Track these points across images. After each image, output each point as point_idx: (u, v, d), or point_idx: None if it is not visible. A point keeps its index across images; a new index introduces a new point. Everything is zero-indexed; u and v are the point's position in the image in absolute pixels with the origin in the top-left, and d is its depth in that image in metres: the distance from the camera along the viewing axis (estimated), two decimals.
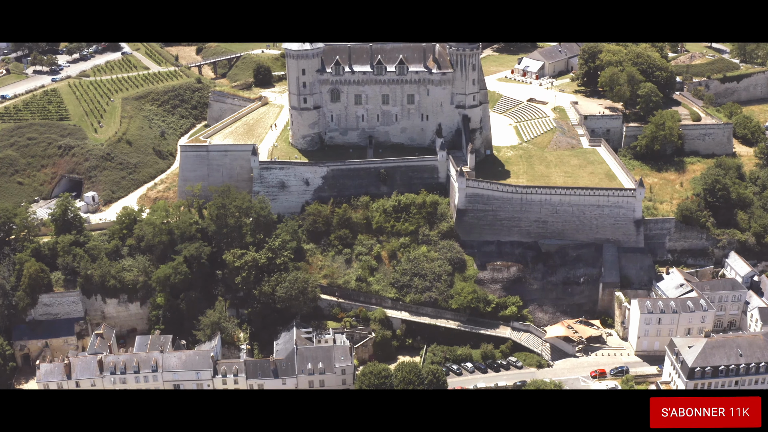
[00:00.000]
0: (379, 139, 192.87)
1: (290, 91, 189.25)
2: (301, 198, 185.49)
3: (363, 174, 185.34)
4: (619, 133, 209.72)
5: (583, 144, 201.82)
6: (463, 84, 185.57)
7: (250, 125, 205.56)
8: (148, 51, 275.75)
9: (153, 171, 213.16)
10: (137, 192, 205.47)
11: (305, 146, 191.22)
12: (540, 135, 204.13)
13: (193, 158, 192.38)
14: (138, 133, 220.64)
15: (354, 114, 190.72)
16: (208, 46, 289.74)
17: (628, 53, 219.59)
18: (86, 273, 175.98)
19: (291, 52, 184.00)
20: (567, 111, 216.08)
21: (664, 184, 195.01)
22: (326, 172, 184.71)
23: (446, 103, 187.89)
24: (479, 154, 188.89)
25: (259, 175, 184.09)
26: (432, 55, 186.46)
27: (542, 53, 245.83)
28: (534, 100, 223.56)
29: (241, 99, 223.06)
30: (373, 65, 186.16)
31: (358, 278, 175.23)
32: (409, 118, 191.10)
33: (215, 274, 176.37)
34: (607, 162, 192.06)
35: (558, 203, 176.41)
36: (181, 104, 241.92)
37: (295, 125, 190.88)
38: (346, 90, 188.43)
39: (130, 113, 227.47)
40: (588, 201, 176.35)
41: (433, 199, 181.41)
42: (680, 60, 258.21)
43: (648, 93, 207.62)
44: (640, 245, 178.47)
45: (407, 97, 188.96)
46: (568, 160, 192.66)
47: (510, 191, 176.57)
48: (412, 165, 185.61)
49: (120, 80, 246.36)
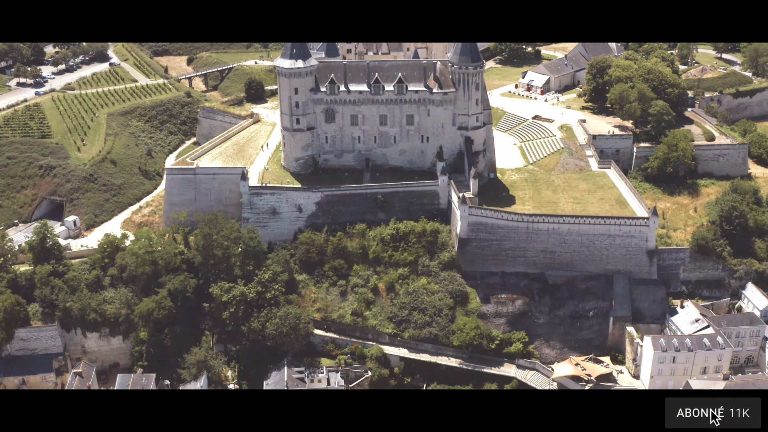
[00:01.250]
0: (376, 161, 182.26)
1: (282, 111, 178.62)
2: (294, 225, 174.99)
3: (359, 200, 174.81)
4: (629, 154, 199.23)
5: (592, 166, 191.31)
6: (466, 104, 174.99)
7: (241, 145, 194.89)
8: (136, 62, 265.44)
9: (138, 192, 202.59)
10: (121, 215, 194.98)
11: (298, 169, 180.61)
12: (546, 156, 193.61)
13: (179, 182, 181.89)
14: (123, 152, 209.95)
15: (350, 135, 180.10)
16: (199, 56, 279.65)
17: (639, 69, 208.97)
18: (65, 306, 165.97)
19: (283, 70, 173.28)
20: (574, 129, 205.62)
21: (677, 210, 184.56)
22: (320, 197, 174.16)
23: (448, 125, 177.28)
24: (482, 178, 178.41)
25: (248, 200, 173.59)
26: (433, 74, 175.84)
27: (547, 67, 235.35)
28: (539, 117, 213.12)
29: (231, 116, 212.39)
30: (370, 84, 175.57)
31: (353, 312, 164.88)
32: (409, 140, 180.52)
33: (202, 307, 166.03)
34: (617, 186, 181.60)
35: (566, 232, 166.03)
36: (169, 119, 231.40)
37: (288, 147, 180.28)
38: (342, 110, 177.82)
39: (116, 130, 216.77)
40: (598, 230, 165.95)
41: (433, 227, 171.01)
42: (691, 73, 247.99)
43: (660, 112, 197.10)
44: (653, 277, 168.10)
45: (406, 117, 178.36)
46: (576, 184, 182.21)
47: (515, 220, 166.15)
48: (411, 190, 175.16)
49: (106, 94, 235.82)
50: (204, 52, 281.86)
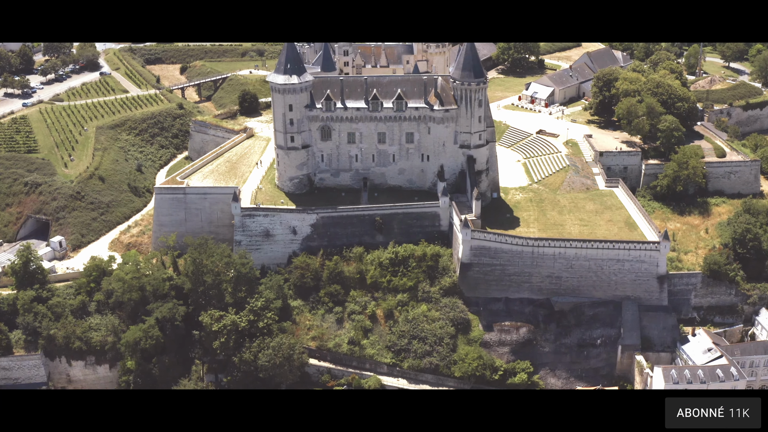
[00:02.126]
0: (374, 181, 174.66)
1: (276, 128, 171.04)
2: (288, 248, 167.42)
3: (356, 222, 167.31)
4: (637, 171, 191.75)
5: (599, 184, 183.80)
6: (468, 122, 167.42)
7: (233, 163, 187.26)
8: (128, 71, 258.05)
9: (127, 211, 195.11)
10: (109, 235, 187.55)
11: (293, 189, 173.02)
12: (552, 174, 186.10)
13: (168, 201, 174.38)
14: (112, 168, 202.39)
15: (347, 154, 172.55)
16: (192, 65, 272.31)
17: (647, 82, 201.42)
18: (49, 333, 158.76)
19: (276, 86, 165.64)
20: (580, 145, 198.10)
21: (687, 231, 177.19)
22: (315, 219, 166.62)
23: (449, 143, 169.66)
24: (485, 198, 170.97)
25: (240, 222, 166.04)
26: (433, 90, 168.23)
27: (552, 78, 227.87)
28: (544, 132, 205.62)
29: (224, 130, 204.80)
30: (368, 100, 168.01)
31: (350, 341, 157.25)
32: (408, 159, 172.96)
33: (192, 335, 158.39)
34: (626, 206, 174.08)
35: (573, 257, 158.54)
36: (160, 132, 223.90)
37: (282, 166, 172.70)
38: (338, 127, 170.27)
39: (104, 144, 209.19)
40: (607, 255, 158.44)
41: (434, 251, 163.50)
42: (699, 85, 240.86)
43: (669, 127, 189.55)
44: (664, 303, 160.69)
45: (406, 135, 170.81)
46: (583, 204, 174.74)
47: (520, 244, 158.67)
48: (410, 212, 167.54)
49: (95, 105, 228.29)
50: (197, 60, 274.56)
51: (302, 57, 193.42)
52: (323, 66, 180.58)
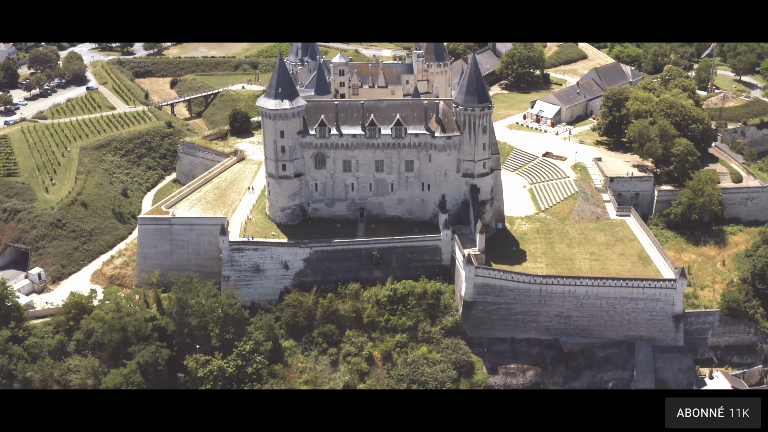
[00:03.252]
0: (371, 211, 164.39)
1: (266, 155, 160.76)
2: (279, 284, 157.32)
3: (352, 256, 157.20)
4: (649, 198, 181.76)
5: (610, 213, 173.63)
6: (472, 149, 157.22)
7: (222, 189, 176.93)
8: (115, 86, 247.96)
9: (111, 239, 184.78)
10: (91, 266, 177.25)
11: (284, 220, 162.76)
12: (560, 202, 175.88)
13: (153, 233, 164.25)
14: (95, 192, 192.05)
15: (342, 182, 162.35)
16: (183, 78, 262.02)
17: (659, 102, 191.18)
18: (25, 376, 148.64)
19: (267, 111, 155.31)
20: (589, 169, 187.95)
21: (703, 263, 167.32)
22: (309, 254, 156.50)
23: (451, 171, 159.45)
24: (489, 230, 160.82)
25: (229, 257, 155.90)
26: (435, 115, 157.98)
27: (558, 96, 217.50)
28: (551, 155, 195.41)
29: (213, 153, 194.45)
30: (365, 126, 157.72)
31: (345, 385, 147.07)
32: (408, 188, 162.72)
33: (177, 378, 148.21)
34: (638, 238, 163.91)
35: (584, 296, 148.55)
36: (147, 153, 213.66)
37: (273, 196, 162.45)
38: (333, 155, 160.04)
39: (88, 166, 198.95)
40: (620, 293, 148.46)
41: (435, 288, 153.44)
42: (712, 102, 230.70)
43: (683, 152, 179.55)
44: (679, 343, 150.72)
45: (405, 163, 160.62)
46: (593, 236, 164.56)
47: (527, 281, 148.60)
48: (410, 245, 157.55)
49: (80, 124, 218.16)
50: (188, 74, 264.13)
51: (295, 77, 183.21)
52: (317, 88, 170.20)
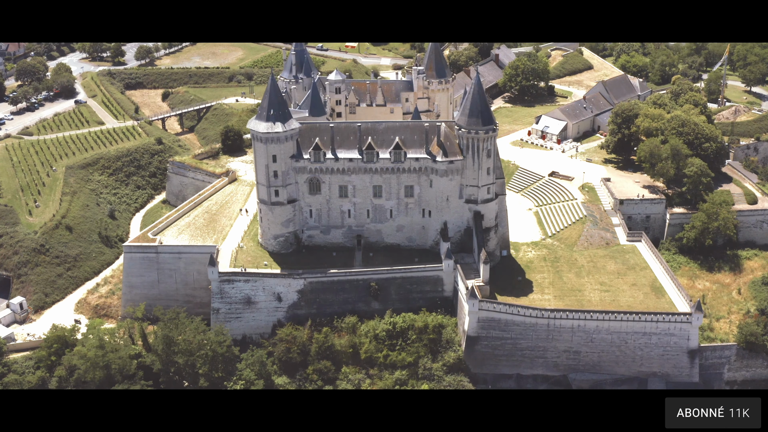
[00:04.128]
0: (369, 239, 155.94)
1: (258, 180, 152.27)
2: (272, 316, 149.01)
3: (349, 287, 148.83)
4: (661, 221, 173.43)
5: (620, 238, 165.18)
6: (475, 174, 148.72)
7: (213, 213, 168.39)
8: (105, 99, 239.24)
9: (96, 265, 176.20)
10: (76, 294, 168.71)
11: (277, 248, 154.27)
12: (567, 227, 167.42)
13: (139, 261, 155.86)
14: (81, 215, 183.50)
15: (338, 209, 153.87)
16: (175, 91, 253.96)
17: (671, 120, 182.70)
18: None
19: (258, 134, 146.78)
20: (598, 191, 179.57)
21: (718, 291, 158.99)
22: (303, 285, 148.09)
23: (454, 197, 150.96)
24: (494, 258, 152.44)
25: (218, 288, 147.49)
26: (436, 138, 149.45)
27: (564, 111, 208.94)
28: (557, 174, 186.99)
29: (204, 173, 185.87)
30: (362, 150, 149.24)
31: None
32: (407, 215, 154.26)
33: None
34: (650, 266, 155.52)
35: (594, 330, 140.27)
36: (136, 171, 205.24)
37: (265, 223, 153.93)
38: (329, 180, 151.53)
39: (74, 187, 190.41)
40: (632, 327, 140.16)
41: (436, 322, 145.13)
42: (723, 116, 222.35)
43: (697, 173, 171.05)
44: (694, 379, 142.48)
45: (405, 189, 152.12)
46: (603, 264, 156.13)
47: (534, 315, 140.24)
48: (410, 276, 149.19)
49: (67, 141, 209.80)
50: (181, 86, 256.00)
51: (288, 96, 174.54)
52: (311, 109, 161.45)
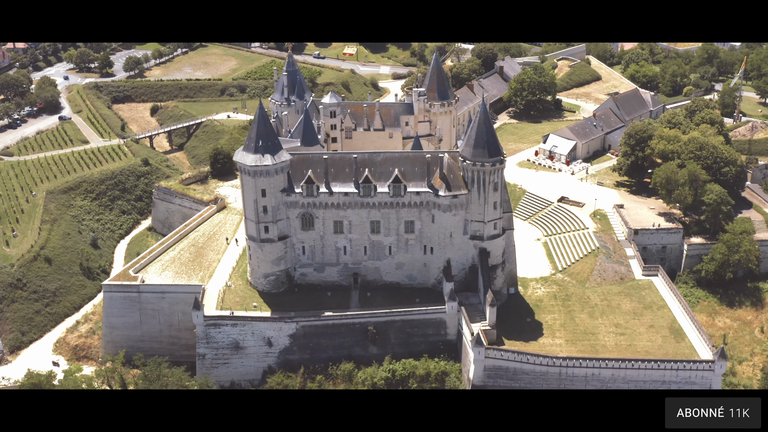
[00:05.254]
0: (367, 277, 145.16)
1: (246, 216, 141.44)
2: (262, 362, 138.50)
3: (345, 331, 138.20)
4: (678, 251, 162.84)
5: (635, 272, 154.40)
6: (481, 209, 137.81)
7: (199, 247, 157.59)
8: (90, 115, 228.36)
9: (77, 299, 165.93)
10: (54, 332, 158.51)
11: (268, 288, 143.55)
12: (579, 260, 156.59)
13: (120, 301, 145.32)
14: (61, 245, 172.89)
15: (333, 245, 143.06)
16: (164, 105, 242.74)
17: (688, 143, 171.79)
18: None
19: (246, 167, 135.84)
20: (610, 219, 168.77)
21: (740, 329, 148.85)
22: (295, 329, 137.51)
23: (457, 233, 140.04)
24: (500, 296, 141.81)
25: (204, 333, 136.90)
26: (438, 170, 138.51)
27: (573, 130, 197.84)
28: (567, 200, 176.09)
29: (191, 200, 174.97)
30: (359, 183, 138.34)
31: None
32: (408, 252, 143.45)
33: None
34: (668, 304, 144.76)
35: (609, 379, 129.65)
36: (121, 195, 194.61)
37: (255, 261, 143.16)
38: (323, 215, 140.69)
39: (54, 214, 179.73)
40: (650, 376, 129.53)
41: (439, 369, 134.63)
42: (740, 133, 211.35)
43: (716, 201, 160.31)
44: None
45: (405, 224, 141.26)
46: (618, 302, 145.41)
47: (545, 363, 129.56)
48: (411, 319, 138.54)
49: (49, 162, 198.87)
50: (170, 101, 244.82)
51: (279, 121, 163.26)
52: (304, 138, 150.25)
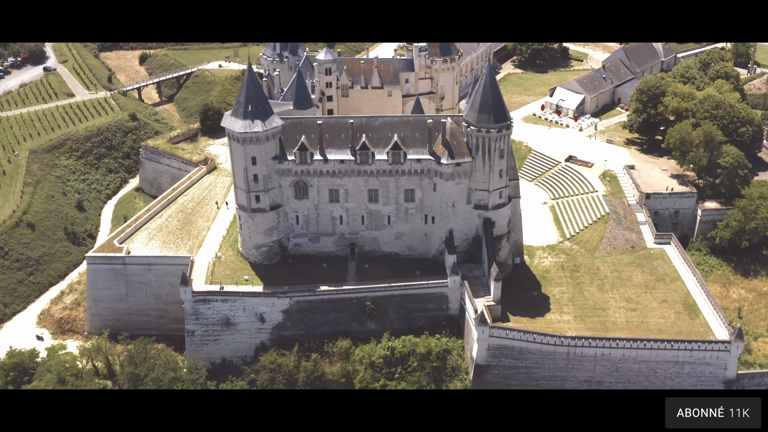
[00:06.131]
0: (364, 247, 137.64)
1: (236, 184, 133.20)
2: (254, 338, 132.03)
3: (341, 306, 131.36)
4: (691, 217, 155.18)
5: (646, 239, 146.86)
6: (486, 177, 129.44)
7: (188, 213, 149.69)
8: (76, 66, 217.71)
9: (62, 267, 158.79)
10: (38, 303, 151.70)
11: (260, 259, 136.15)
12: (588, 227, 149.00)
13: (104, 273, 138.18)
14: (45, 208, 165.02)
15: (328, 215, 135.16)
16: (154, 53, 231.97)
17: (704, 101, 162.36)
18: None
19: (234, 134, 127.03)
20: (620, 180, 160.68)
21: (755, 302, 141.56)
22: (288, 305, 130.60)
23: (461, 203, 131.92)
24: (505, 267, 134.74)
25: (193, 309, 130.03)
26: (441, 136, 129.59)
27: (581, 83, 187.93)
28: (575, 159, 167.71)
29: (180, 161, 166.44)
30: (355, 150, 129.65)
31: None
32: (408, 221, 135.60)
33: None
34: (681, 276, 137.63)
35: (620, 359, 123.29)
36: (108, 153, 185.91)
37: (246, 231, 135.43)
38: (317, 183, 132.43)
39: (38, 176, 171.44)
40: (662, 356, 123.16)
41: (441, 347, 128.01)
42: (754, 86, 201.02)
43: (733, 164, 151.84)
44: None
45: (405, 192, 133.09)
46: (629, 273, 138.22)
47: (553, 343, 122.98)
48: (411, 294, 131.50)
49: (32, 118, 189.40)
50: (160, 49, 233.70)
51: (271, 80, 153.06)
52: (297, 101, 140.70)
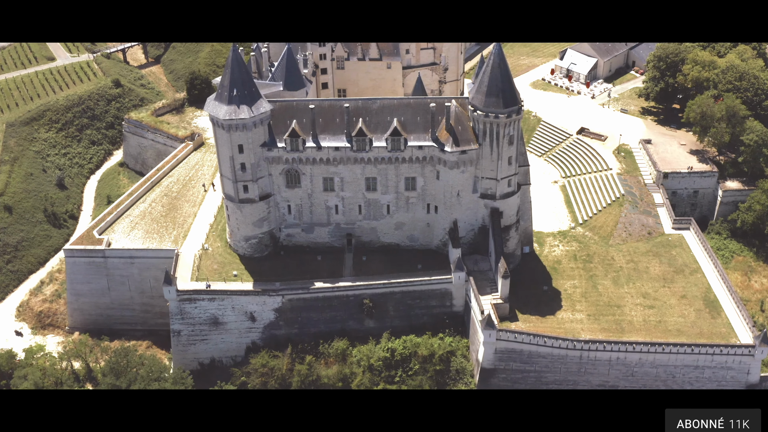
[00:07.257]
0: (362, 238, 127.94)
1: (222, 173, 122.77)
2: (245, 338, 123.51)
3: (337, 304, 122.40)
4: (711, 197, 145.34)
5: (664, 225, 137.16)
6: (494, 165, 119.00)
7: (173, 197, 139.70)
8: None
9: (42, 253, 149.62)
10: (17, 294, 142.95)
11: (250, 251, 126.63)
12: (601, 211, 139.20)
13: (84, 267, 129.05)
14: (23, 188, 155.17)
15: (323, 204, 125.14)
16: None
17: (726, 71, 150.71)
18: None
19: (219, 120, 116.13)
20: (636, 156, 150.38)
21: None
22: (280, 303, 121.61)
23: (466, 192, 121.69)
24: (514, 258, 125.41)
25: (178, 309, 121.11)
26: (445, 120, 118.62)
27: (593, 45, 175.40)
28: (587, 132, 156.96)
29: (165, 136, 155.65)
30: (351, 136, 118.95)
31: None
32: (409, 210, 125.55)
33: None
34: (702, 268, 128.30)
35: (636, 363, 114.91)
36: (90, 123, 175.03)
37: (234, 222, 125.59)
38: (310, 171, 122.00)
39: (15, 152, 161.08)
40: (681, 360, 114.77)
41: (444, 348, 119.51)
42: None
43: (757, 142, 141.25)
44: None
45: (405, 181, 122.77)
46: (645, 264, 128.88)
47: (565, 347, 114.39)
48: (412, 290, 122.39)
49: (9, 87, 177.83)
50: None
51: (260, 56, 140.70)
52: (287, 81, 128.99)
